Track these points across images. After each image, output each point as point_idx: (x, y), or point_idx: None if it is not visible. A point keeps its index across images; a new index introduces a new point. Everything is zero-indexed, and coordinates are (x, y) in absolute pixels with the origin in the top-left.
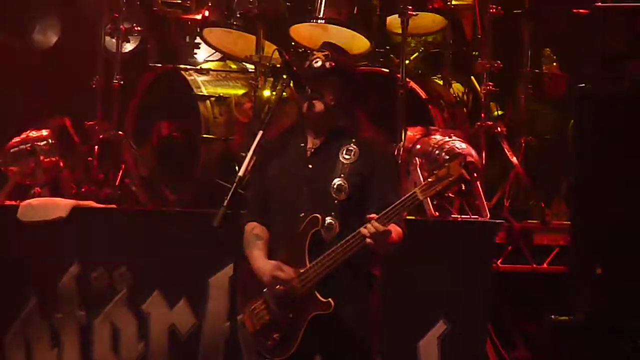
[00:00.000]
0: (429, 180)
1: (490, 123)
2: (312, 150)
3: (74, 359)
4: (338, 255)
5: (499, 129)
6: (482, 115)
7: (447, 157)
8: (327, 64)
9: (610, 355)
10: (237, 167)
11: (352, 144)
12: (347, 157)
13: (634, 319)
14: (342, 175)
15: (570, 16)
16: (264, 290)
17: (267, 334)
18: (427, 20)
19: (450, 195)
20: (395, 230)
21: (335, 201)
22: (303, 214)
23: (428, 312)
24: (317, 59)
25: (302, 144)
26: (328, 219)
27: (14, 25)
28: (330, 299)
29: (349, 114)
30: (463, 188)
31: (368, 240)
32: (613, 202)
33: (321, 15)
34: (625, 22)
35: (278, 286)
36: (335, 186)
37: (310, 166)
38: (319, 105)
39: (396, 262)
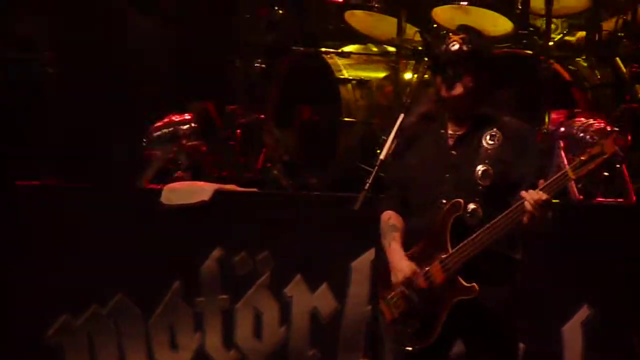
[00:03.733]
0: (582, 158)
1: (635, 105)
2: (456, 137)
3: (216, 343)
4: (485, 237)
5: None
6: (627, 97)
7: (597, 136)
8: (465, 47)
9: None
10: (378, 151)
11: (495, 130)
12: (490, 142)
13: None
14: (486, 161)
15: None
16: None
17: (407, 322)
18: (571, 0)
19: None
20: None
21: (480, 187)
22: (445, 201)
23: (572, 297)
24: (454, 42)
25: (442, 130)
26: (472, 205)
27: None
28: (474, 283)
29: (490, 99)
30: (606, 174)
31: (529, 206)
32: None
33: None
34: None
35: (406, 290)
36: (480, 172)
37: (453, 152)
38: (458, 88)
39: (541, 245)
